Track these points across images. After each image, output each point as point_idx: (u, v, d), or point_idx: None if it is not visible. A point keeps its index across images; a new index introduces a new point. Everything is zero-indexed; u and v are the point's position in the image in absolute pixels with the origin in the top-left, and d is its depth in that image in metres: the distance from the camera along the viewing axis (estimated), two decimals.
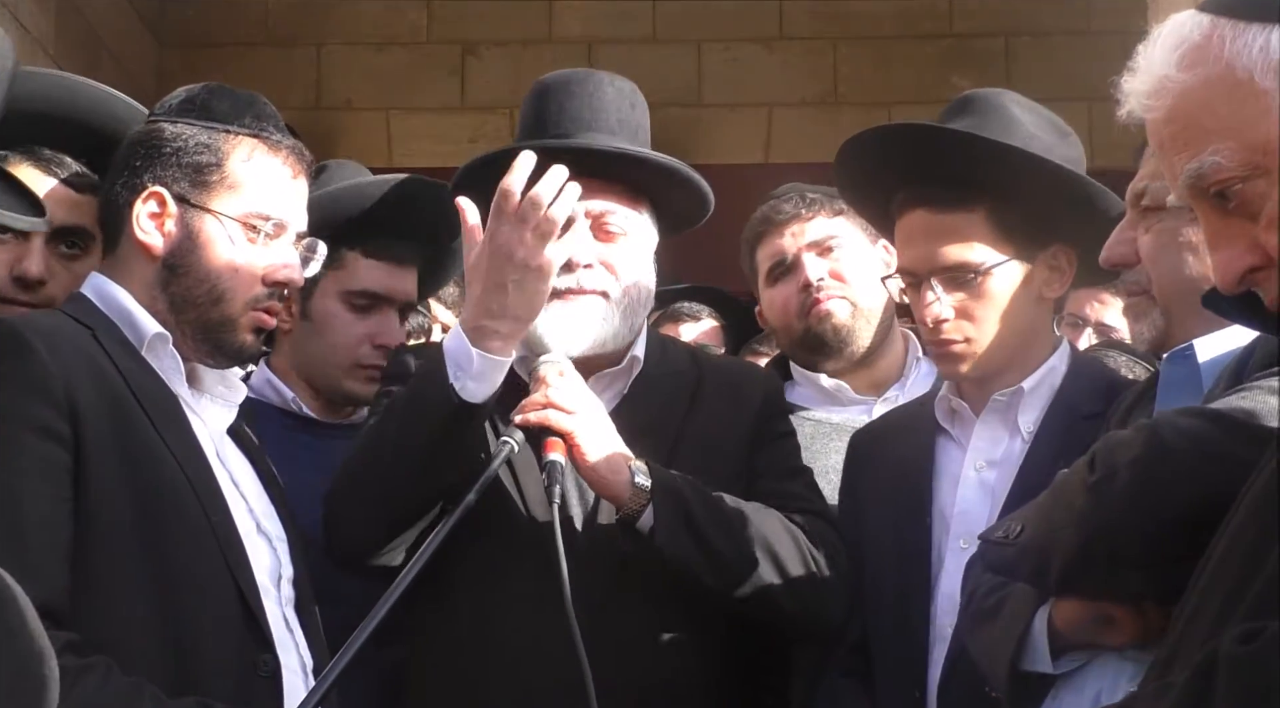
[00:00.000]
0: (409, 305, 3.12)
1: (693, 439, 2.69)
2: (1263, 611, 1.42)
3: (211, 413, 2.38)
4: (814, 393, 3.24)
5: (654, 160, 2.70)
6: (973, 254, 2.59)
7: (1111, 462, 1.95)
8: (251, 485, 2.39)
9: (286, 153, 2.39)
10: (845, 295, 3.16)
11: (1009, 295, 2.59)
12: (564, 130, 2.67)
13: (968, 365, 2.62)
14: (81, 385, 2.13)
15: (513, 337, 2.45)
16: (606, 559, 2.53)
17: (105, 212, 2.39)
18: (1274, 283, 1.52)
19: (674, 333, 4.61)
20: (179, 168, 2.33)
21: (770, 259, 3.21)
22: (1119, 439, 2.00)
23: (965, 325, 2.59)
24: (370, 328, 3.05)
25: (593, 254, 2.64)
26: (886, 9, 7.57)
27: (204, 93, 2.41)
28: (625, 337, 2.68)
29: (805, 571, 2.59)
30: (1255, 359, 2.04)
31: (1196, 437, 1.90)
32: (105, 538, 2.10)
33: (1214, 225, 1.55)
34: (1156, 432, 1.95)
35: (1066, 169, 2.59)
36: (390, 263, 3.06)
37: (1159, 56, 1.54)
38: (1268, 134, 1.47)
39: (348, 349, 3.04)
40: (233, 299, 2.32)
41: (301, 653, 2.32)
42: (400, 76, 7.62)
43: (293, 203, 2.39)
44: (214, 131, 2.35)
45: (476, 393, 2.42)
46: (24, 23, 5.63)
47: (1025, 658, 2.12)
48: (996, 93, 2.73)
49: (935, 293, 2.58)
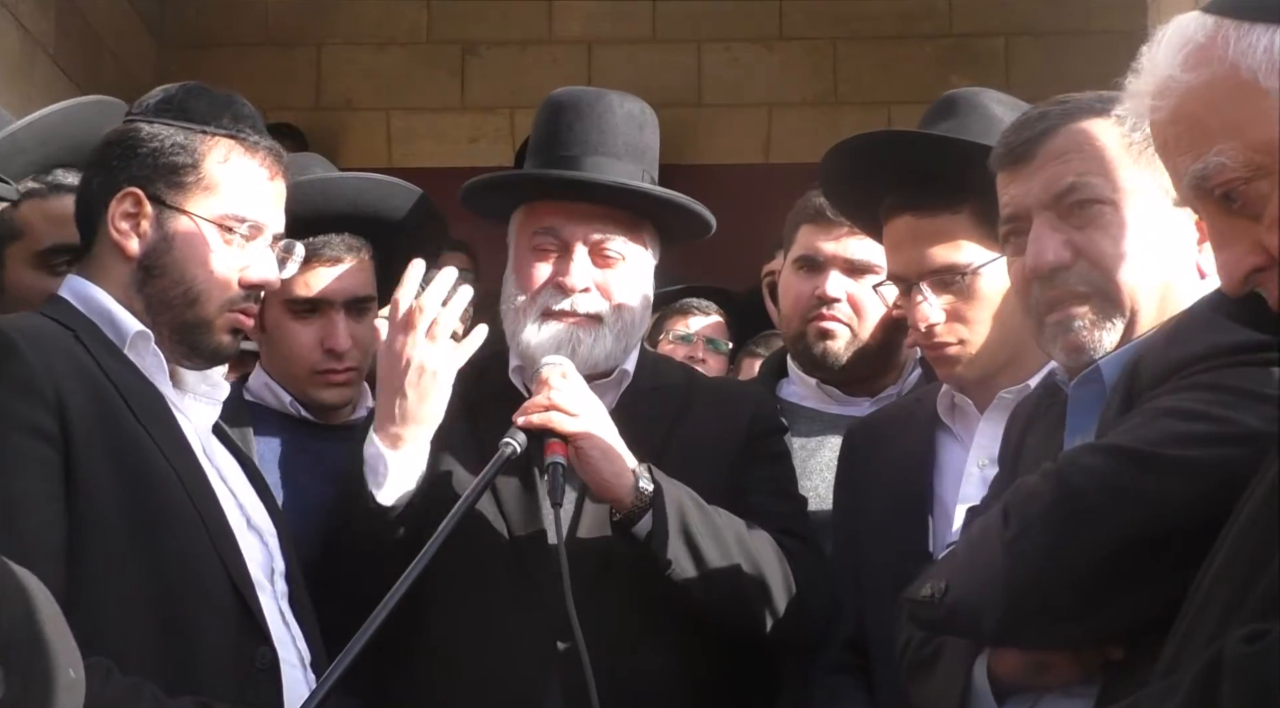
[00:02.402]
0: (357, 302, 2.98)
1: (678, 451, 2.71)
2: (1268, 612, 1.42)
3: (196, 410, 2.38)
4: (807, 391, 3.24)
5: (653, 194, 2.75)
6: (960, 255, 2.58)
7: (1025, 514, 1.89)
8: (239, 481, 2.39)
9: (264, 154, 2.38)
10: (851, 325, 3.10)
11: (1000, 293, 2.58)
12: (571, 152, 2.72)
13: (964, 367, 2.61)
14: (68, 385, 2.13)
15: (419, 438, 2.58)
16: (591, 560, 2.55)
17: (81, 211, 2.39)
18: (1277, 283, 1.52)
19: (683, 325, 4.65)
20: (155, 168, 2.32)
21: (804, 249, 3.14)
22: (1028, 489, 1.93)
23: (958, 327, 2.59)
24: (317, 333, 2.96)
25: (589, 278, 2.70)
26: (886, 9, 7.56)
27: (181, 93, 2.41)
28: (618, 357, 2.73)
29: (787, 593, 2.62)
30: (1144, 377, 1.98)
31: (1103, 475, 1.85)
32: (98, 537, 2.10)
33: (1218, 226, 1.55)
34: (1063, 478, 1.89)
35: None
36: (320, 265, 2.93)
37: (1163, 57, 1.55)
38: (1271, 135, 1.47)
39: (302, 358, 2.97)
40: (208, 301, 2.32)
41: (299, 646, 2.32)
42: (400, 76, 7.62)
43: (269, 204, 2.39)
44: (191, 132, 2.34)
45: (393, 496, 2.56)
46: (24, 23, 5.62)
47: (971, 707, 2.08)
48: (976, 92, 2.73)
49: (925, 296, 2.58)
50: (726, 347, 4.62)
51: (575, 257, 2.69)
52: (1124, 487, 1.82)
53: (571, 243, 2.70)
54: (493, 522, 2.64)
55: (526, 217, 2.77)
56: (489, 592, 2.62)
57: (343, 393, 3.01)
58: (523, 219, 2.77)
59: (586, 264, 2.70)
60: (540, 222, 2.73)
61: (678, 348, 4.53)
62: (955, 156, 2.57)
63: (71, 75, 6.17)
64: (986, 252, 2.58)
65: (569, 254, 2.70)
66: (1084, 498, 1.84)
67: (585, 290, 2.69)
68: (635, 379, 2.78)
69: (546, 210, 2.74)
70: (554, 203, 2.73)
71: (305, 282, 2.88)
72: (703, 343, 4.62)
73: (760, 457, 2.81)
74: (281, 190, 2.43)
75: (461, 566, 2.51)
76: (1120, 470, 1.84)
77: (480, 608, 2.62)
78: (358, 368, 3.01)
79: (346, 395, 3.03)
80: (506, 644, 2.59)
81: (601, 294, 2.71)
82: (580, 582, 2.31)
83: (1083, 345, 2.12)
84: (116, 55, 6.81)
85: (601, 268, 2.72)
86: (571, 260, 2.69)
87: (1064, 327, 2.15)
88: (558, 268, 2.70)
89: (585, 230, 2.70)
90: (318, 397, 3.01)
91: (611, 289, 2.72)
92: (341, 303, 2.95)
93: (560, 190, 2.72)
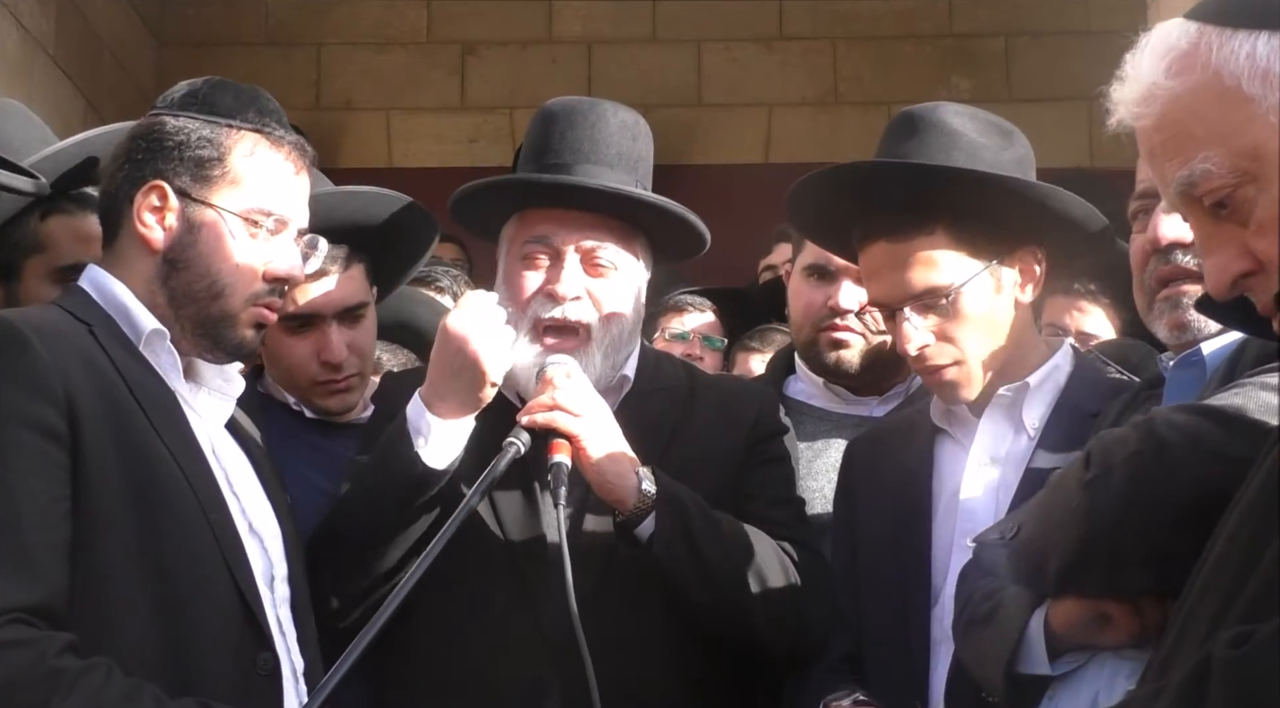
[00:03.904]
0: (349, 311, 2.97)
1: (681, 453, 2.70)
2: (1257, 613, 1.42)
3: (209, 407, 2.37)
4: (815, 389, 3.23)
5: (646, 201, 2.72)
6: (940, 276, 2.56)
7: (1107, 458, 1.95)
8: (246, 483, 2.37)
9: (289, 149, 2.37)
10: (865, 335, 3.09)
11: (985, 308, 2.57)
12: (564, 160, 2.70)
13: (967, 389, 2.60)
14: (79, 383, 2.12)
15: (464, 409, 2.57)
16: (593, 561, 2.55)
17: (105, 205, 2.37)
18: (1265, 288, 1.53)
19: (677, 322, 4.64)
20: (181, 162, 2.31)
21: (815, 256, 3.10)
22: (1114, 436, 2.00)
23: (948, 348, 2.57)
24: (312, 346, 2.96)
25: (580, 286, 2.67)
26: (886, 9, 7.57)
27: (206, 87, 2.40)
28: (608, 376, 2.70)
29: (789, 600, 2.61)
30: (1248, 356, 2.05)
31: (1193, 432, 1.90)
32: (103, 537, 2.10)
33: (1205, 231, 1.56)
34: (1152, 427, 1.95)
35: (1012, 178, 2.58)
36: (308, 279, 2.85)
37: (1147, 64, 1.55)
38: (1255, 140, 1.48)
39: (301, 370, 2.99)
40: (233, 294, 2.31)
41: (292, 657, 2.31)
42: (400, 76, 7.62)
43: (295, 199, 2.38)
44: (216, 126, 2.33)
45: (439, 459, 2.53)
46: (24, 23, 5.63)
47: (1021, 661, 2.11)
48: (933, 108, 2.69)
49: (911, 322, 2.56)
50: (722, 343, 4.62)
51: (566, 264, 2.66)
52: (1208, 444, 1.87)
53: (563, 250, 2.67)
54: (491, 523, 2.64)
55: (518, 227, 2.74)
56: (488, 592, 2.62)
57: (346, 399, 3.03)
58: (514, 230, 2.75)
59: (578, 271, 2.67)
60: (531, 230, 2.71)
61: (674, 345, 4.51)
62: (920, 182, 2.56)
63: (71, 75, 6.18)
64: (966, 266, 2.57)
65: (560, 261, 2.67)
66: (1169, 450, 1.90)
67: (576, 298, 2.66)
68: (637, 382, 2.77)
69: (538, 218, 2.71)
70: (545, 210, 2.71)
71: (294, 297, 2.87)
72: (699, 340, 4.62)
73: (763, 460, 2.80)
74: (306, 185, 2.41)
75: (460, 566, 2.51)
76: (1209, 429, 1.89)
77: (480, 609, 2.62)
78: (359, 373, 3.01)
79: (350, 401, 3.04)
80: (506, 645, 2.59)
81: (592, 303, 2.67)
82: (583, 583, 2.31)
83: (1187, 324, 2.23)
84: (116, 55, 6.82)
85: (593, 277, 2.68)
86: (562, 268, 2.66)
87: (1173, 303, 2.26)
88: (548, 276, 2.67)
89: (577, 237, 2.67)
90: (322, 405, 3.03)
91: (602, 299, 2.68)
92: (333, 314, 2.95)
93: (552, 196, 2.69)
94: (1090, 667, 2.08)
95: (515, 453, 2.42)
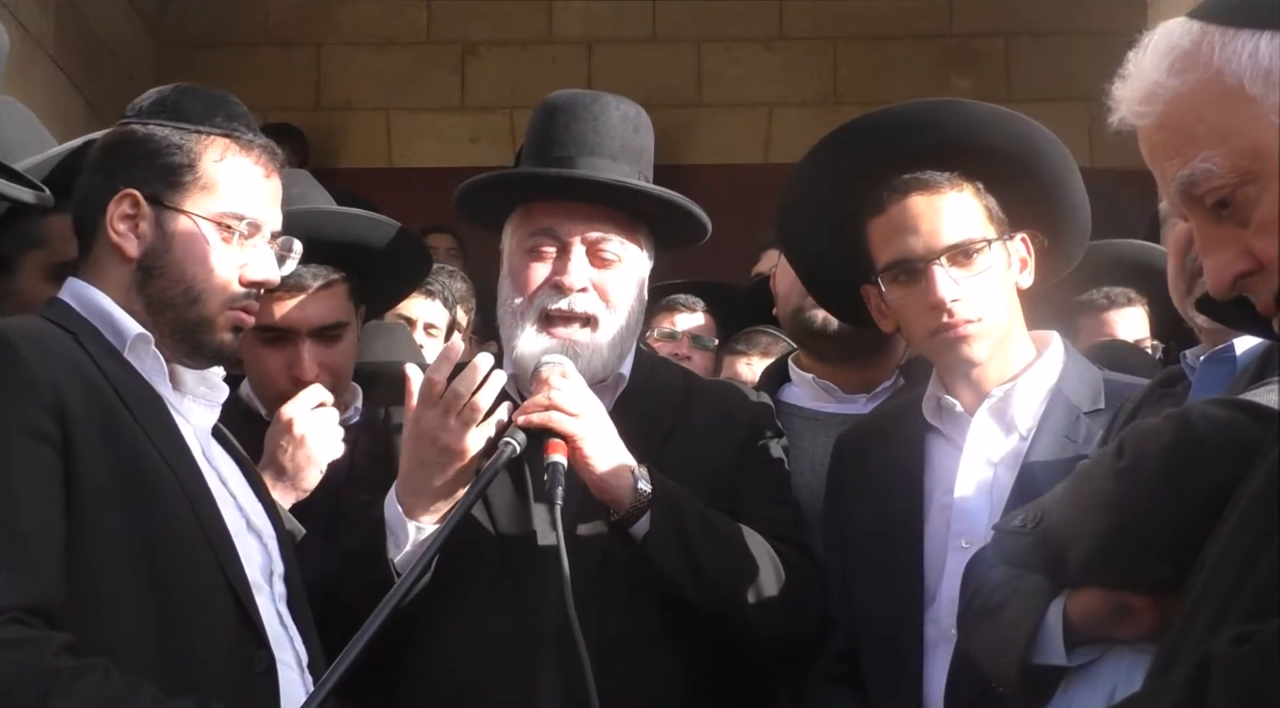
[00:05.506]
0: (324, 329, 2.97)
1: (675, 453, 2.71)
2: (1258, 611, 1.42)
3: (195, 412, 2.38)
4: (807, 391, 3.25)
5: (650, 193, 2.74)
6: (973, 230, 2.59)
7: (1141, 448, 1.95)
8: (239, 483, 2.39)
9: (259, 152, 2.38)
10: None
11: (1001, 275, 2.60)
12: (567, 152, 2.72)
13: (983, 348, 2.60)
14: (69, 388, 2.13)
15: (439, 510, 2.54)
16: (588, 560, 2.55)
17: (79, 215, 2.39)
18: (1265, 288, 1.53)
19: (669, 323, 4.64)
20: (151, 169, 2.32)
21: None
22: (1148, 427, 1.99)
23: (973, 305, 2.58)
24: (285, 359, 2.97)
25: (586, 278, 2.68)
26: (886, 9, 7.58)
27: (175, 94, 2.41)
28: (614, 365, 2.72)
29: (782, 599, 2.61)
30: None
31: (1228, 425, 1.89)
32: (97, 539, 2.10)
33: (1206, 231, 1.56)
34: (1187, 419, 1.94)
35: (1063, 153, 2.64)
36: (286, 293, 2.90)
37: (1149, 63, 1.55)
38: (1257, 140, 1.48)
39: (272, 383, 2.99)
40: (209, 299, 2.32)
41: (297, 648, 2.31)
42: (400, 76, 7.64)
43: (266, 202, 2.39)
44: (185, 132, 2.34)
45: (411, 561, 2.51)
46: (24, 23, 5.63)
47: (1037, 651, 2.10)
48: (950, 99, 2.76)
49: (945, 274, 2.57)
50: (713, 344, 4.61)
51: (573, 256, 2.68)
52: (1243, 439, 1.84)
53: (569, 242, 2.68)
54: (486, 523, 2.64)
55: (522, 220, 2.76)
56: (483, 592, 2.62)
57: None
58: (518, 222, 2.77)
59: (584, 263, 2.69)
60: (537, 223, 2.72)
61: (663, 345, 4.50)
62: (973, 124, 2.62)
63: (71, 75, 6.19)
64: (989, 230, 2.60)
65: (566, 254, 2.69)
66: (1205, 442, 1.89)
67: (583, 290, 2.67)
68: (632, 382, 2.78)
69: (543, 211, 2.73)
70: (550, 203, 2.72)
71: (272, 309, 2.89)
72: (688, 340, 4.61)
73: (757, 460, 2.80)
74: (278, 187, 2.42)
75: (455, 566, 2.51)
76: (1245, 423, 1.88)
77: (475, 609, 2.62)
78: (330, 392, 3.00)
79: None
80: (503, 645, 2.59)
81: (599, 295, 2.69)
82: (578, 582, 2.31)
83: None
84: (116, 55, 6.82)
85: (599, 268, 2.70)
86: (569, 260, 2.68)
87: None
88: (555, 268, 2.69)
89: (583, 229, 2.69)
90: None
91: (609, 291, 2.70)
92: (307, 332, 2.96)
93: (557, 189, 2.71)
94: (1107, 659, 2.06)
95: (511, 453, 2.42)
